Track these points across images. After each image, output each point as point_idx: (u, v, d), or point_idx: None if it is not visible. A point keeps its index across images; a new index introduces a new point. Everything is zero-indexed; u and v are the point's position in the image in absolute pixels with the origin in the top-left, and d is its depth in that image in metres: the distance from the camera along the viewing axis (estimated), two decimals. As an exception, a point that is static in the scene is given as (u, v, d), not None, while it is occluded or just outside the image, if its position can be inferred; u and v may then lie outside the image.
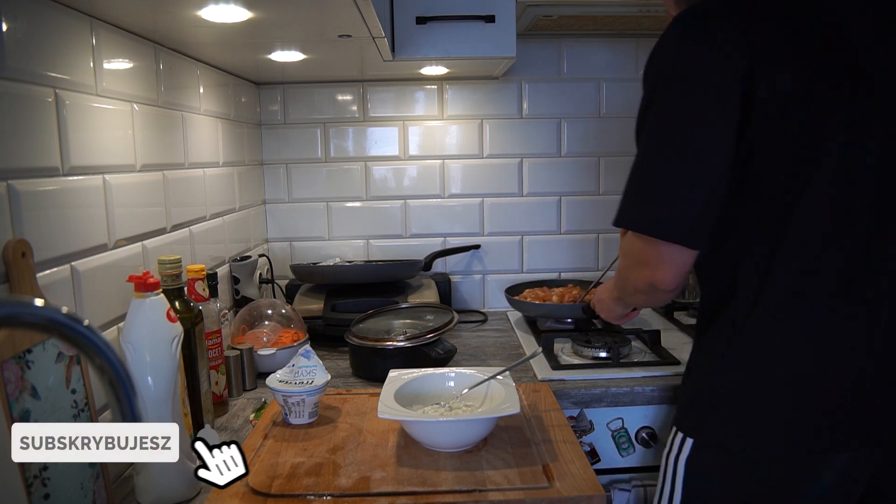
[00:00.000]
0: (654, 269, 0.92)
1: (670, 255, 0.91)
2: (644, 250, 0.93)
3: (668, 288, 0.93)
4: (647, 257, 0.93)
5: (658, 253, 0.92)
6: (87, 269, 0.95)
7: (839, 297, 0.89)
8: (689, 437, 0.96)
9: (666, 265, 0.91)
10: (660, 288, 0.93)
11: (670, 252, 0.91)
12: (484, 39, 1.46)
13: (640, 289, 0.96)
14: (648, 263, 0.93)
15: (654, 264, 0.92)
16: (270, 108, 1.91)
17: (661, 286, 0.92)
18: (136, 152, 1.12)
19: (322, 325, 1.58)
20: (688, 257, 0.91)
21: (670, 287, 0.93)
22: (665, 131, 0.91)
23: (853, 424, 0.90)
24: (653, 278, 0.93)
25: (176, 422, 0.89)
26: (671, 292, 0.95)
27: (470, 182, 1.95)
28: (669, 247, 0.90)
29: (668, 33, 0.92)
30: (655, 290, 0.94)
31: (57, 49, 0.90)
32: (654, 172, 0.92)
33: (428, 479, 0.91)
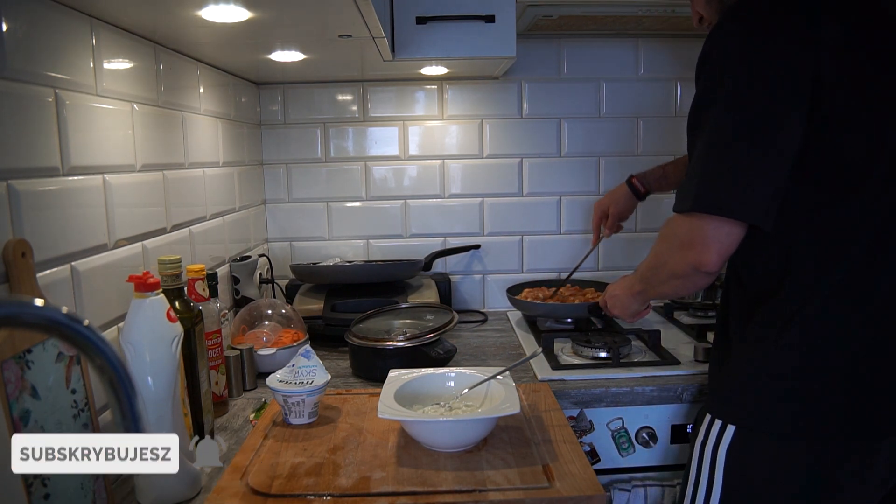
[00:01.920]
0: (700, 251, 0.93)
1: (717, 236, 0.92)
2: (691, 231, 0.94)
3: (710, 270, 0.94)
4: (694, 238, 0.93)
5: (705, 234, 0.92)
6: (87, 269, 0.95)
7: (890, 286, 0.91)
8: (732, 423, 0.96)
9: (712, 246, 0.92)
10: (702, 270, 0.94)
11: (720, 233, 0.92)
12: (484, 39, 1.46)
13: (679, 272, 0.97)
14: (694, 245, 0.93)
15: (701, 245, 0.93)
16: (270, 108, 1.91)
17: (703, 267, 0.93)
18: (136, 152, 1.12)
19: (322, 325, 1.58)
20: (735, 238, 0.92)
21: (713, 269, 0.93)
22: (735, 117, 0.91)
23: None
24: (697, 260, 0.93)
25: (176, 421, 0.89)
26: (711, 276, 0.96)
27: (470, 182, 1.95)
28: (720, 228, 0.91)
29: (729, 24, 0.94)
30: (696, 272, 0.95)
31: (57, 49, 0.90)
32: (725, 156, 0.92)
33: (428, 479, 0.91)
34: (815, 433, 0.92)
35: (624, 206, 1.58)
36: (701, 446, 0.99)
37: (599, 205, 1.62)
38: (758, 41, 0.91)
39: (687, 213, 0.95)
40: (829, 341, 0.92)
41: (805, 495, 0.93)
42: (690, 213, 0.94)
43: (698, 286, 1.01)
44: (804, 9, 0.91)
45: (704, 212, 0.92)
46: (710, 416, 1.00)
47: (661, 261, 1.02)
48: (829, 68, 0.87)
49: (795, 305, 0.93)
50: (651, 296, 1.20)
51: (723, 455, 0.96)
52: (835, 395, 0.91)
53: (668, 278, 1.01)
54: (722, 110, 0.92)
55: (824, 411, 0.91)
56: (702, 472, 0.98)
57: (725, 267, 1.06)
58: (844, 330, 0.92)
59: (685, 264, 0.95)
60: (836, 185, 0.91)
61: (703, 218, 0.92)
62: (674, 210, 0.98)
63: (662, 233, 1.02)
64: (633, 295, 1.22)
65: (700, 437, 1.00)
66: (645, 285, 1.14)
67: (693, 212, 0.93)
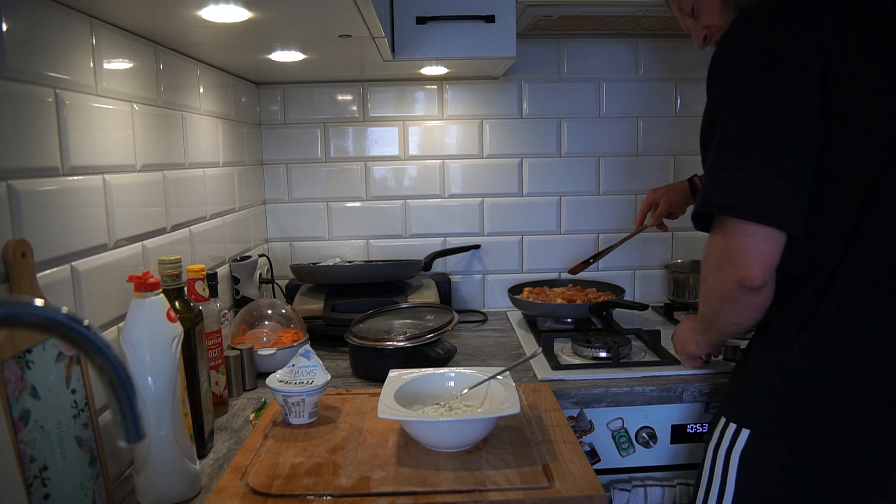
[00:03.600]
0: (739, 264, 0.89)
1: (753, 245, 0.88)
2: (726, 246, 0.90)
3: (755, 284, 0.89)
4: (731, 252, 0.90)
5: (741, 246, 0.89)
6: (87, 269, 0.95)
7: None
8: (746, 428, 0.94)
9: (750, 257, 0.88)
10: (747, 285, 0.89)
11: (755, 243, 0.88)
12: (484, 39, 1.46)
13: (725, 294, 0.92)
14: (733, 259, 0.90)
15: (740, 258, 0.89)
16: (270, 108, 1.91)
17: (747, 282, 0.89)
18: (136, 152, 1.12)
19: (322, 325, 1.58)
20: (773, 246, 0.88)
21: (758, 282, 0.89)
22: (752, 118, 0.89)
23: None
24: (738, 275, 0.89)
25: (176, 421, 0.89)
26: (760, 292, 0.91)
27: (470, 182, 1.95)
28: (754, 238, 0.88)
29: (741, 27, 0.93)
30: (743, 290, 0.90)
31: (57, 49, 0.90)
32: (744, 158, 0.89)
33: (428, 479, 0.91)
34: (831, 441, 0.90)
35: (676, 200, 1.55)
36: (714, 449, 0.98)
37: (654, 192, 1.59)
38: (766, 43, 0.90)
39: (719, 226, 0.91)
40: (849, 347, 0.89)
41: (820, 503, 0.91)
42: (723, 227, 0.91)
43: (753, 309, 0.94)
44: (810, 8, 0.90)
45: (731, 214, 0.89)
46: (725, 419, 0.98)
47: (706, 287, 0.97)
48: (838, 64, 0.86)
49: (813, 310, 0.91)
50: (711, 337, 1.13)
51: (736, 459, 0.95)
52: (851, 402, 0.89)
53: (718, 304, 0.96)
54: (736, 114, 0.90)
55: (840, 419, 0.89)
56: (714, 474, 0.97)
57: None
58: (865, 336, 0.89)
59: (728, 283, 0.91)
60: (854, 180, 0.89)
61: (734, 228, 0.89)
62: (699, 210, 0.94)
63: (703, 257, 0.99)
64: (693, 337, 1.19)
65: (714, 439, 0.99)
66: (702, 324, 1.09)
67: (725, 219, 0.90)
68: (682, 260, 1.95)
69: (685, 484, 1.31)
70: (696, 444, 1.32)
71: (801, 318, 0.92)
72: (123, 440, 0.50)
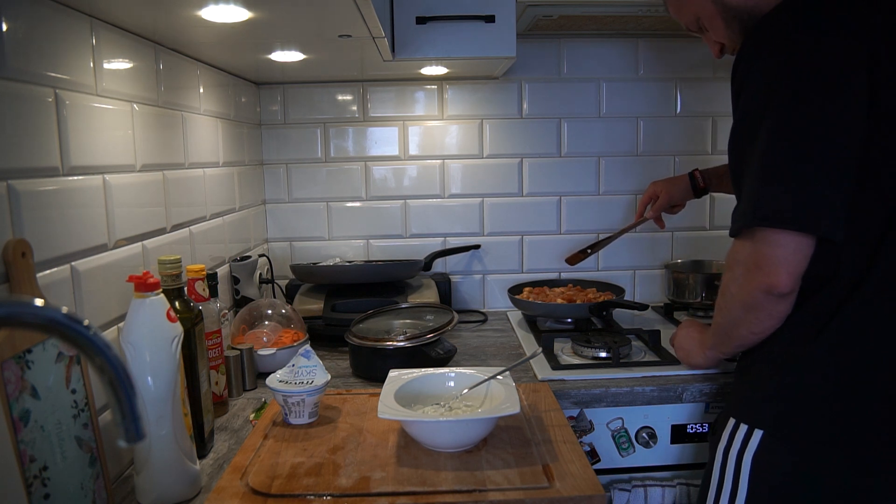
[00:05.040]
0: (769, 272, 0.87)
1: (786, 253, 0.86)
2: (756, 252, 0.89)
3: (783, 291, 0.88)
4: (761, 260, 0.88)
5: (773, 253, 0.87)
6: (87, 269, 0.95)
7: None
8: (759, 428, 0.93)
9: (781, 266, 0.87)
10: (774, 292, 0.88)
11: (786, 252, 0.86)
12: (484, 39, 1.46)
13: (750, 302, 0.91)
14: (762, 266, 0.88)
15: (769, 266, 0.87)
16: (270, 108, 1.91)
17: (775, 290, 0.88)
18: (136, 152, 1.12)
19: (322, 325, 1.58)
20: (803, 256, 0.87)
21: (785, 290, 0.88)
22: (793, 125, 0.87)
23: None
24: (768, 283, 0.88)
25: (176, 421, 0.89)
26: (786, 298, 0.90)
27: (470, 182, 1.95)
28: (786, 246, 0.86)
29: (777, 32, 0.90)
30: (768, 297, 0.89)
31: (57, 49, 0.90)
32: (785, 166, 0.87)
33: (428, 479, 0.91)
34: (844, 442, 0.89)
35: (677, 194, 1.55)
36: (725, 451, 0.97)
37: (654, 185, 1.59)
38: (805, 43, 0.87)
39: (748, 234, 0.89)
40: (866, 348, 0.89)
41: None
42: (753, 235, 0.89)
43: (775, 317, 0.93)
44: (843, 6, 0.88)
45: (768, 226, 0.87)
46: (735, 420, 0.97)
47: (729, 294, 0.95)
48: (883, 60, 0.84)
49: (834, 312, 0.90)
50: (724, 351, 1.11)
51: (748, 460, 0.94)
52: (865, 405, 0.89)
53: (740, 312, 0.94)
54: (777, 121, 0.88)
55: (854, 420, 0.89)
56: (725, 476, 0.96)
57: None
58: (882, 337, 0.88)
59: (755, 290, 0.89)
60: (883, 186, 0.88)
61: (766, 237, 0.87)
62: (731, 234, 0.93)
63: (726, 265, 0.97)
64: (703, 351, 1.17)
65: (724, 441, 0.98)
66: (718, 338, 1.06)
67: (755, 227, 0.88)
68: (682, 260, 1.95)
69: (685, 484, 1.31)
70: (697, 444, 1.32)
71: (821, 320, 0.91)
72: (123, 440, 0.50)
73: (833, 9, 0.89)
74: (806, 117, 0.87)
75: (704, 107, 1.90)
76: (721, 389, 1.28)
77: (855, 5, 0.88)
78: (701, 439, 1.32)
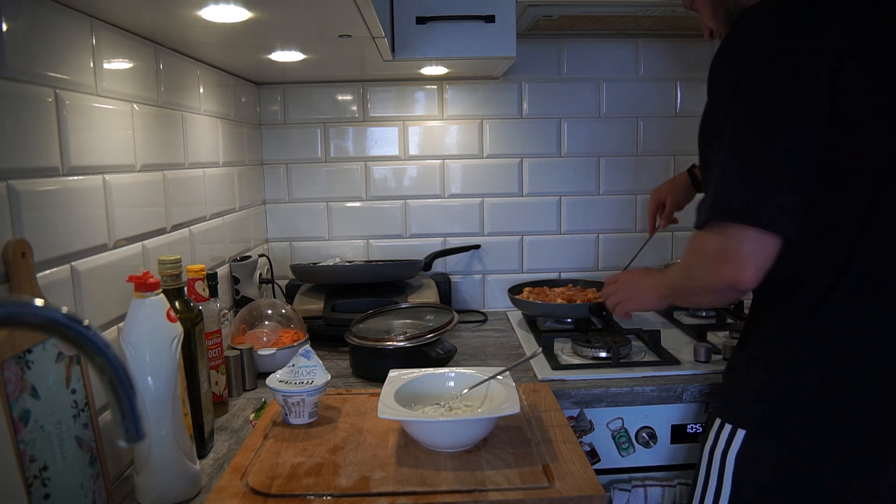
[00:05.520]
0: (736, 267, 0.88)
1: (754, 249, 0.87)
2: (724, 247, 0.89)
3: (747, 286, 0.89)
4: (728, 254, 0.88)
5: (741, 248, 0.88)
6: (87, 269, 0.95)
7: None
8: (742, 428, 0.94)
9: (748, 261, 0.87)
10: (739, 287, 0.89)
11: (754, 246, 0.87)
12: (484, 39, 1.46)
13: (713, 288, 0.92)
14: (729, 260, 0.88)
15: (737, 261, 0.88)
16: (270, 108, 1.91)
17: (741, 285, 0.88)
18: (136, 152, 1.12)
19: (322, 325, 1.58)
20: (773, 251, 0.88)
21: (749, 285, 0.89)
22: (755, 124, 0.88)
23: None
24: (734, 277, 0.88)
25: (176, 421, 0.89)
26: (746, 291, 0.91)
27: (470, 182, 1.95)
28: (754, 241, 0.87)
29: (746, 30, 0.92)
30: (732, 289, 0.90)
31: (57, 49, 0.90)
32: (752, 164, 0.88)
33: (428, 479, 0.91)
34: (825, 440, 0.90)
35: (681, 195, 1.53)
36: (710, 450, 0.98)
37: (657, 192, 1.56)
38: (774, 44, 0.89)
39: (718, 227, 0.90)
40: (843, 349, 0.90)
41: None
42: (722, 229, 0.90)
43: (730, 300, 0.96)
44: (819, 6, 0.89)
45: (735, 221, 0.88)
46: (721, 420, 0.98)
47: (692, 274, 0.97)
48: (846, 63, 0.85)
49: (810, 313, 0.91)
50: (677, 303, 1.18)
51: (732, 460, 0.95)
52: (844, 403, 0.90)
53: (701, 292, 0.96)
54: (743, 118, 0.89)
55: (834, 419, 0.90)
56: (710, 476, 0.97)
57: None
58: (859, 338, 0.89)
59: (719, 281, 0.90)
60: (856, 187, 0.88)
61: (735, 232, 0.88)
62: (695, 226, 0.93)
63: (691, 247, 0.98)
64: (658, 297, 1.16)
65: (710, 441, 0.99)
66: (673, 293, 1.08)
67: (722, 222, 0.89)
68: (682, 260, 1.94)
69: (685, 484, 1.31)
70: (697, 445, 1.32)
71: (797, 320, 0.92)
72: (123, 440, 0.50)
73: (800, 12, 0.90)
74: (769, 118, 0.88)
75: (704, 107, 1.90)
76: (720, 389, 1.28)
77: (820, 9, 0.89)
78: (701, 439, 1.32)
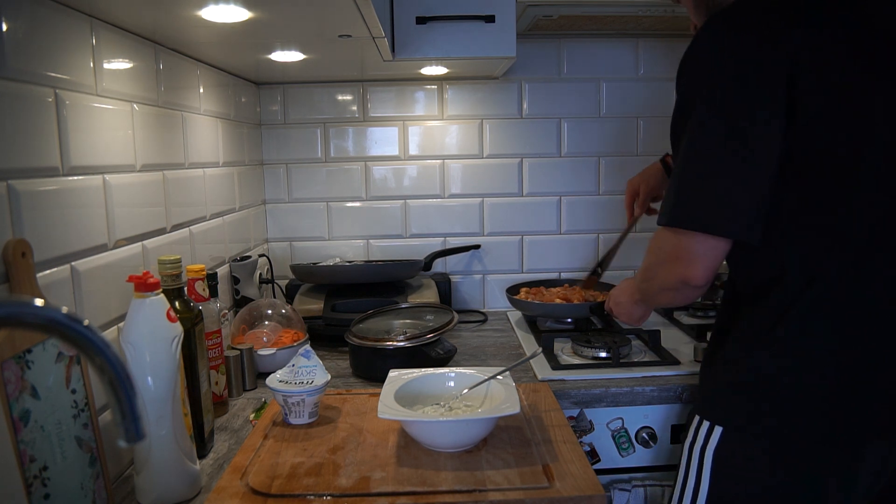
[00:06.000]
0: (688, 265, 0.92)
1: (704, 250, 0.91)
2: (677, 246, 0.93)
3: (699, 284, 0.93)
4: (680, 253, 0.93)
5: (693, 249, 0.92)
6: (87, 269, 0.95)
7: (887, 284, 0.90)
8: (719, 425, 0.95)
9: (699, 261, 0.92)
10: (691, 284, 0.93)
11: (705, 248, 0.91)
12: (484, 39, 1.46)
13: (669, 286, 0.97)
14: (681, 259, 0.93)
15: (688, 260, 0.92)
16: (270, 108, 1.91)
17: (693, 282, 0.93)
18: (136, 152, 1.12)
19: (322, 325, 1.58)
20: (721, 253, 0.92)
21: (701, 283, 0.93)
22: (711, 128, 0.90)
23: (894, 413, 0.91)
24: (686, 274, 0.93)
25: (176, 421, 0.89)
26: (701, 289, 0.95)
27: (470, 182, 1.95)
28: (705, 242, 0.91)
29: (707, 32, 0.93)
30: (686, 286, 0.94)
31: (57, 49, 0.90)
32: (703, 169, 0.91)
33: (428, 479, 0.91)
34: (800, 436, 0.91)
35: (655, 185, 1.54)
36: (689, 447, 0.99)
37: (631, 183, 1.57)
38: (730, 48, 0.90)
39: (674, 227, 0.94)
40: (815, 345, 0.91)
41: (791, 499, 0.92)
42: (675, 229, 0.93)
43: (691, 298, 1.00)
44: (777, 12, 0.89)
45: (684, 228, 0.92)
46: (699, 417, 0.99)
47: (651, 274, 1.01)
48: (804, 69, 0.86)
49: (783, 309, 0.92)
50: (650, 305, 1.22)
51: (710, 457, 0.96)
52: (818, 398, 0.91)
53: (659, 290, 1.00)
54: (699, 121, 0.91)
55: (808, 415, 0.91)
56: (689, 473, 0.98)
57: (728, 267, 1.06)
58: (831, 334, 0.91)
59: (673, 279, 0.95)
60: (822, 188, 0.90)
61: (687, 233, 0.92)
62: (657, 223, 0.96)
63: (650, 245, 1.02)
64: (634, 303, 1.23)
65: (689, 438, 1.00)
66: (642, 295, 1.15)
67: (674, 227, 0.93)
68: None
69: (685, 484, 1.31)
70: (696, 444, 1.32)
71: (772, 318, 0.93)
72: (123, 440, 0.50)
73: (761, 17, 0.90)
74: (724, 123, 0.89)
75: (704, 107, 1.90)
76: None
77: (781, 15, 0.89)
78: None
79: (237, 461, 0.97)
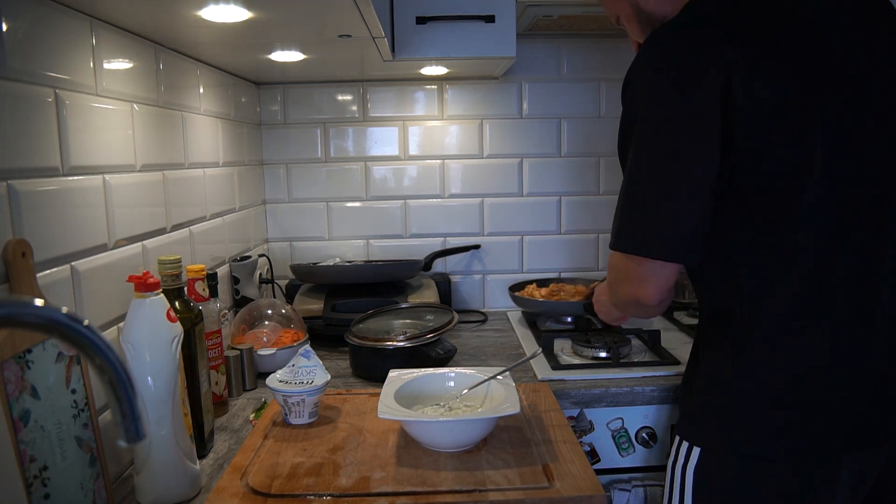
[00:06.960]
0: (638, 286, 0.93)
1: (652, 271, 0.92)
2: (627, 267, 0.94)
3: (651, 303, 0.94)
4: (631, 274, 0.94)
5: (640, 270, 0.92)
6: (87, 269, 0.95)
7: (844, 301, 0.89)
8: (697, 445, 0.96)
9: (647, 282, 0.92)
10: (644, 303, 0.94)
11: (652, 269, 0.92)
12: (484, 39, 1.46)
13: (627, 302, 0.98)
14: (632, 280, 0.94)
15: (637, 281, 0.93)
16: (270, 108, 1.91)
17: (646, 301, 0.93)
18: (136, 152, 1.12)
19: (322, 325, 1.58)
20: (670, 273, 0.92)
21: (653, 302, 0.94)
22: (649, 150, 0.91)
23: (866, 426, 0.90)
24: (638, 294, 0.94)
25: (176, 421, 0.89)
26: (656, 307, 0.96)
27: (470, 182, 1.95)
28: (651, 264, 0.91)
29: (645, 51, 0.92)
30: (640, 304, 0.95)
31: (57, 49, 0.90)
32: (641, 192, 0.92)
33: (428, 479, 0.91)
34: (775, 453, 0.91)
35: None
36: (672, 466, 0.99)
37: None
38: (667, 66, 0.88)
39: None
40: (782, 362, 0.90)
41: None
42: None
43: (652, 314, 1.01)
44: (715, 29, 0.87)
45: (625, 252, 0.93)
46: (679, 437, 0.99)
47: (613, 289, 1.01)
48: (739, 86, 0.84)
49: (747, 330, 0.92)
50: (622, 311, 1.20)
51: (690, 476, 0.96)
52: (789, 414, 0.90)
53: (622, 305, 1.01)
54: (638, 146, 0.91)
55: (781, 432, 0.91)
56: (673, 492, 0.98)
57: None
58: (795, 354, 0.90)
59: (628, 297, 0.96)
60: (768, 207, 0.89)
61: (631, 256, 0.93)
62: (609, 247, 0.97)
63: (608, 263, 1.02)
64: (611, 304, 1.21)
65: (672, 456, 1.00)
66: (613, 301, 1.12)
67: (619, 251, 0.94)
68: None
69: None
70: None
71: (739, 340, 0.93)
72: (123, 440, 0.50)
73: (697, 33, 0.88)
74: (661, 144, 0.89)
75: (704, 107, 1.90)
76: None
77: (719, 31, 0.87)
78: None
79: (237, 461, 0.97)
